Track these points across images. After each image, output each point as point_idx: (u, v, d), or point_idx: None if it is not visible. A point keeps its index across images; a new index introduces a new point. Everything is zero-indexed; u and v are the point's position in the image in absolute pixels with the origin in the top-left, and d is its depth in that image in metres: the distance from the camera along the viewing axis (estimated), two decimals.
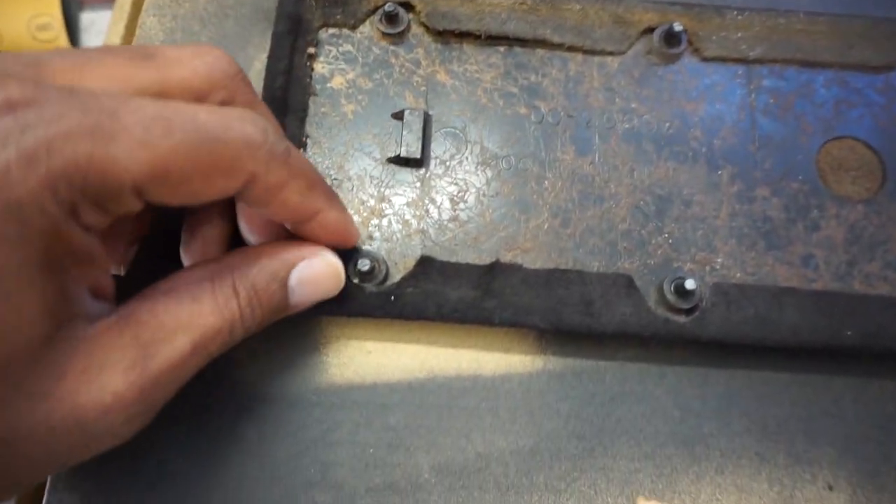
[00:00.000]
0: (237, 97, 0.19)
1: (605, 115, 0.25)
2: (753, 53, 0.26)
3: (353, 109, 0.25)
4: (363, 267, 0.22)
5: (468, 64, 0.26)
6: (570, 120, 0.25)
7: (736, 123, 0.25)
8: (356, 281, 0.22)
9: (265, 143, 0.17)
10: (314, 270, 0.20)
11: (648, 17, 0.26)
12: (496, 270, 0.22)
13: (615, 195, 0.24)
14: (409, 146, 0.24)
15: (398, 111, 0.25)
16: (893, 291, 0.23)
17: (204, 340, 0.17)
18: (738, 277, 0.23)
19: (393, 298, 0.22)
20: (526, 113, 0.25)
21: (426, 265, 0.22)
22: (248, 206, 0.18)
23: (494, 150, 0.25)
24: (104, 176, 0.15)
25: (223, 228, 0.21)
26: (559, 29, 0.26)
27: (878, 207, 0.24)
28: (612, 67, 0.26)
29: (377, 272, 0.22)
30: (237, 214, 0.21)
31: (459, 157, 0.25)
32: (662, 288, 0.22)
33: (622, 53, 0.26)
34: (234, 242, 0.21)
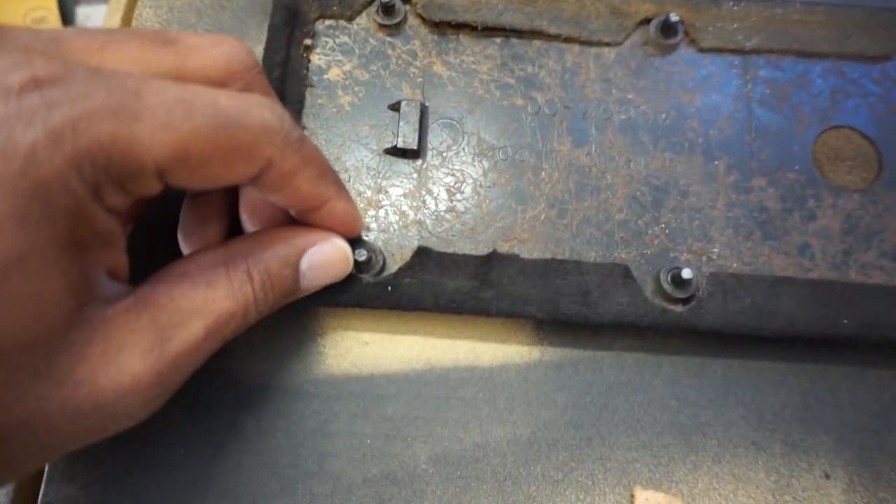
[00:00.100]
0: (254, 89, 0.19)
1: (601, 106, 0.25)
2: (750, 44, 0.26)
3: (349, 101, 0.25)
4: (360, 257, 0.22)
5: (465, 55, 0.26)
6: (566, 111, 0.25)
7: (732, 114, 0.25)
8: (353, 271, 0.22)
9: (282, 129, 0.17)
10: (325, 255, 0.20)
11: (645, 7, 0.26)
12: (493, 261, 0.22)
13: (612, 186, 0.24)
14: (405, 137, 0.24)
15: (395, 102, 0.25)
16: (889, 280, 0.23)
17: (219, 325, 0.17)
18: (734, 267, 0.23)
19: (390, 289, 0.22)
20: (522, 104, 0.25)
21: (423, 256, 0.22)
22: (260, 192, 0.18)
23: (491, 141, 0.25)
24: (127, 156, 0.14)
25: (224, 215, 0.21)
26: (556, 20, 0.26)
27: (874, 197, 0.24)
28: (608, 58, 0.26)
29: (374, 263, 0.22)
30: (240, 201, 0.21)
31: (456, 148, 0.25)
32: (659, 278, 0.22)
33: (619, 44, 0.26)
34: (232, 230, 0.21)
